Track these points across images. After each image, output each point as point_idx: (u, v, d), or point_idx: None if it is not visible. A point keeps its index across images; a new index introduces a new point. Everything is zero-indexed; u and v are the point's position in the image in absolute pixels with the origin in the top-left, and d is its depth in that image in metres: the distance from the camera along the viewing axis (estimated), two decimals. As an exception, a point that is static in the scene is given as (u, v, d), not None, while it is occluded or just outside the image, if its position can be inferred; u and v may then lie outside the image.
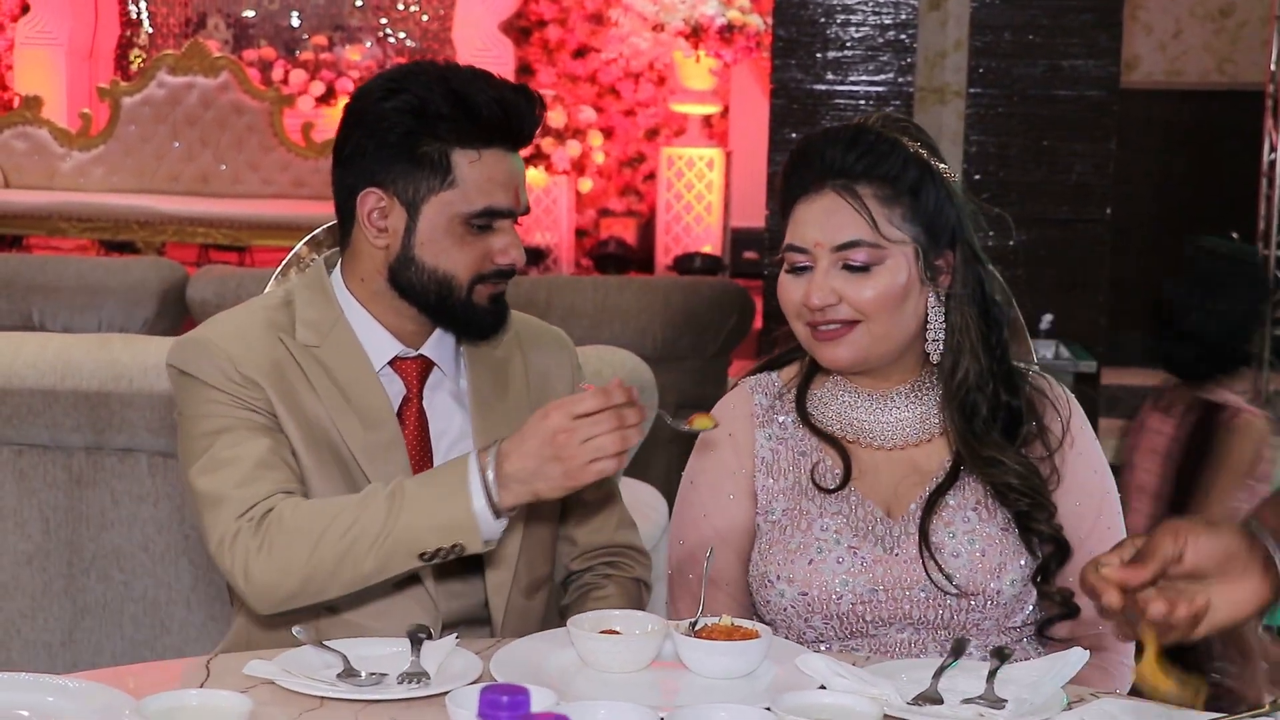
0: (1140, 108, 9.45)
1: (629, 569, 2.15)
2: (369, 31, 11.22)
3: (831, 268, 1.92)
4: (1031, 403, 2.00)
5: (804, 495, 1.99)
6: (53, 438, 3.05)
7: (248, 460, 1.88)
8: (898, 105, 4.78)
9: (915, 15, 4.77)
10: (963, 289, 1.96)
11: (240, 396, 1.91)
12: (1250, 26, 9.79)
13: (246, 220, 9.56)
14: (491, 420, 2.02)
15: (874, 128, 1.96)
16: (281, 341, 1.96)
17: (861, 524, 1.95)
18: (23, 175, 10.33)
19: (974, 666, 1.71)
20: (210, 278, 4.30)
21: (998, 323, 1.99)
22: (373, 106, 1.95)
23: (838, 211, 1.92)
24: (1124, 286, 9.23)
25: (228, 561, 1.84)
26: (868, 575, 1.92)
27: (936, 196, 1.94)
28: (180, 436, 1.97)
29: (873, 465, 1.99)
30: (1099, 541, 1.96)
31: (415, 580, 1.95)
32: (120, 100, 10.39)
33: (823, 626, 1.94)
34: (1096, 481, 2.01)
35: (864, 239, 1.91)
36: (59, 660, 3.11)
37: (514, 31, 10.83)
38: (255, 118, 10.20)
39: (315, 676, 1.63)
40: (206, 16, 11.37)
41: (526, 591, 2.05)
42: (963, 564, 1.91)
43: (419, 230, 1.95)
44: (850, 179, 1.92)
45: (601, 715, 1.50)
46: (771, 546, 1.97)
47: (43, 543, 3.09)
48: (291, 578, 1.81)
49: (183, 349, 1.97)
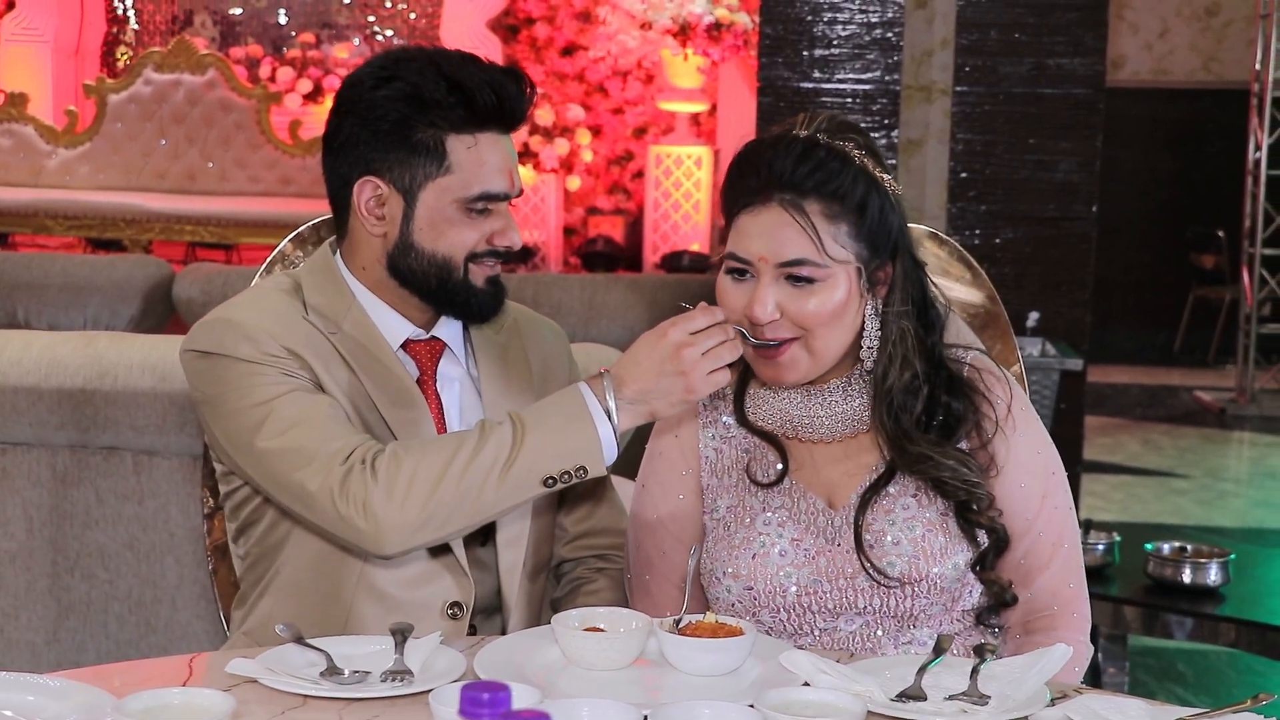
0: (1127, 106, 9.47)
1: (619, 560, 2.16)
2: (356, 29, 11.20)
3: (774, 281, 1.90)
4: (968, 395, 2.00)
5: (747, 491, 2.00)
6: (37, 436, 3.05)
7: (321, 414, 1.87)
8: (884, 103, 4.78)
9: (902, 13, 4.77)
10: (901, 299, 1.96)
11: (284, 369, 1.90)
12: (1236, 26, 9.82)
13: (233, 218, 9.55)
14: (502, 401, 2.03)
15: (823, 141, 1.91)
16: (307, 319, 1.96)
17: (804, 516, 1.96)
18: (8, 173, 10.31)
19: (957, 663, 1.71)
20: (196, 276, 4.29)
21: (934, 326, 1.99)
22: (365, 95, 1.95)
23: (784, 227, 1.89)
24: (1110, 284, 9.27)
25: (343, 506, 1.81)
26: (811, 566, 1.92)
27: (881, 210, 1.92)
28: (219, 417, 1.92)
29: (812, 458, 2.00)
30: (1047, 522, 1.98)
31: (446, 550, 1.96)
32: (106, 97, 10.37)
33: (770, 620, 1.94)
34: (1040, 462, 2.01)
35: (809, 258, 1.89)
36: (43, 659, 3.10)
37: (502, 29, 10.82)
38: (242, 115, 10.19)
39: (298, 675, 1.63)
40: (193, 14, 11.35)
41: (532, 574, 2.08)
42: (904, 550, 1.91)
43: (417, 217, 1.96)
44: (799, 194, 1.89)
45: (585, 713, 1.49)
46: (717, 543, 1.98)
47: (26, 541, 3.08)
48: (416, 510, 1.80)
49: (209, 332, 1.94)
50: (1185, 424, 8.02)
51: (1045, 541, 1.99)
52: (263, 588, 2.03)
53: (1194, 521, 5.93)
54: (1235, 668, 4.29)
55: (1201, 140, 9.84)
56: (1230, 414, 8.27)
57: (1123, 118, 9.20)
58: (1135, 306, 9.84)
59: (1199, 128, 9.85)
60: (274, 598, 2.01)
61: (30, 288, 4.31)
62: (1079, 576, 2.02)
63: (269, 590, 2.02)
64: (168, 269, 4.40)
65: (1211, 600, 3.24)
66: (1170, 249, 9.73)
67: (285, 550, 2.00)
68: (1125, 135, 9.32)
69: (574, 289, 4.23)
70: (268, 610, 2.01)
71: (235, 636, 2.06)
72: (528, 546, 2.04)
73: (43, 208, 9.75)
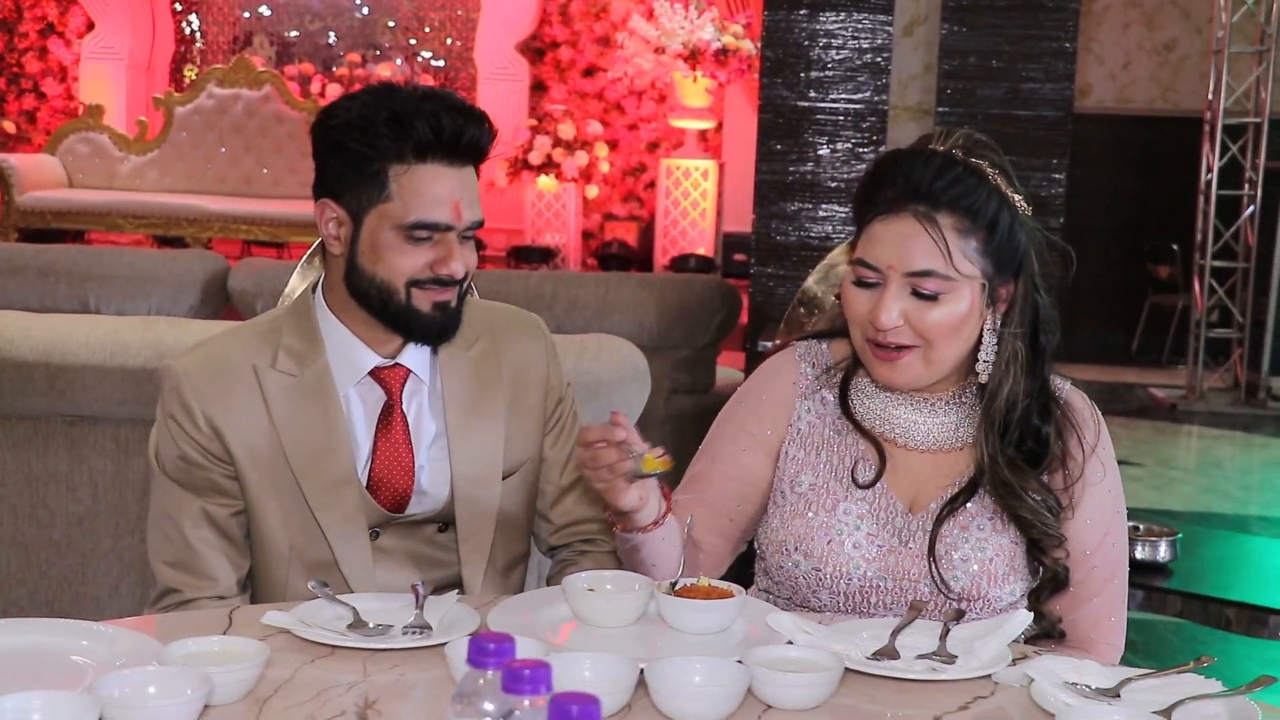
0: (1093, 130, 9.43)
1: (604, 543, 2.09)
2: (399, 50, 11.19)
3: (901, 290, 1.78)
4: (1060, 427, 1.88)
5: (834, 477, 1.89)
6: (102, 410, 3.03)
7: (195, 557, 1.93)
8: (873, 121, 4.76)
9: (890, 40, 4.75)
10: (1019, 318, 1.85)
11: (193, 486, 1.94)
12: (1191, 60, 9.76)
13: (285, 219, 9.54)
14: (467, 420, 1.98)
15: (960, 157, 1.79)
16: (274, 368, 1.93)
17: (883, 515, 1.86)
18: (85, 176, 10.32)
19: (929, 626, 1.69)
20: (249, 269, 4.27)
21: (1044, 350, 1.87)
22: (328, 124, 1.90)
23: (915, 238, 1.77)
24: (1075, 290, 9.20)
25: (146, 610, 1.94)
26: (880, 563, 1.84)
27: (1010, 228, 1.80)
28: (152, 471, 1.99)
29: (904, 461, 1.89)
30: (1103, 558, 1.88)
31: (397, 551, 1.96)
32: (173, 109, 10.37)
33: (828, 599, 1.86)
34: (1110, 501, 1.89)
35: (937, 270, 1.77)
36: (106, 611, 3.09)
37: (529, 52, 10.81)
38: (294, 126, 10.18)
39: (327, 627, 1.61)
40: (253, 35, 11.36)
41: (503, 570, 2.03)
42: (970, 568, 1.82)
43: (360, 240, 1.90)
44: (932, 206, 1.77)
45: (586, 664, 1.47)
46: (794, 518, 1.88)
47: (92, 506, 3.07)
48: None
49: (169, 380, 1.94)
50: (1140, 417, 7.99)
51: (1098, 576, 1.88)
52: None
53: (1147, 505, 5.91)
54: (1181, 636, 4.27)
55: (1159, 163, 9.79)
56: (1181, 409, 8.23)
57: (1089, 140, 9.16)
58: (1097, 311, 9.79)
59: (1157, 151, 9.81)
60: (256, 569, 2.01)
61: (100, 278, 4.28)
62: (1121, 611, 1.91)
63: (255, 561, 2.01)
64: (224, 263, 4.38)
65: (1161, 575, 3.21)
66: (1129, 260, 9.69)
67: (252, 535, 1.99)
68: (1091, 156, 9.27)
69: (589, 286, 4.20)
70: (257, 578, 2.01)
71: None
72: (493, 547, 2.00)
73: (115, 208, 9.76)
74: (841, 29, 4.75)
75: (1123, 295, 9.76)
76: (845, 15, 4.76)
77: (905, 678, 1.56)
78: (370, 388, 1.96)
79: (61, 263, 4.32)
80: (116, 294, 4.26)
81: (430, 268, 1.89)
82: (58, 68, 11.44)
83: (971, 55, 4.71)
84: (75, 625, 1.57)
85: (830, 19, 4.76)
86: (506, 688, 1.03)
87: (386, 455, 1.95)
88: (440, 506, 1.98)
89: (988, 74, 4.71)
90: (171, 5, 11.38)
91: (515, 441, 2.02)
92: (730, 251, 9.99)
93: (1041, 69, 4.70)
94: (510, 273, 4.32)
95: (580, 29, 10.77)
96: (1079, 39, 4.82)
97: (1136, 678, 1.56)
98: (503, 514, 2.01)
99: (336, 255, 1.93)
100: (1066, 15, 4.68)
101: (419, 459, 1.96)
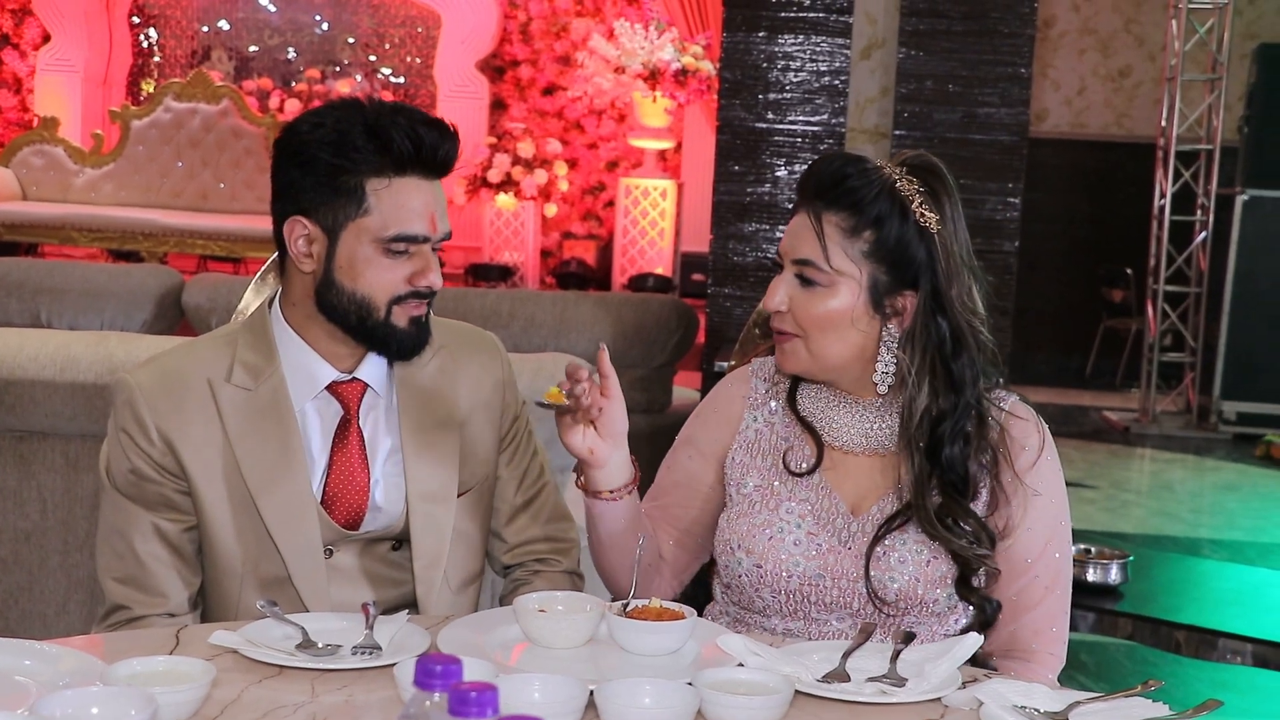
0: (1048, 155, 9.52)
1: (557, 563, 2.10)
2: (359, 66, 11.16)
3: (792, 277, 1.89)
4: (994, 451, 1.90)
5: (777, 476, 1.94)
6: (52, 425, 3.00)
7: (145, 573, 1.92)
8: (831, 143, 4.78)
9: (848, 64, 4.78)
10: (923, 332, 1.87)
11: (145, 500, 1.91)
12: (1145, 87, 9.88)
13: (241, 234, 9.49)
14: (422, 437, 1.97)
15: (872, 165, 1.88)
16: (228, 381, 1.92)
17: (825, 514, 1.90)
18: (40, 189, 10.23)
19: (879, 649, 1.69)
20: (204, 284, 4.24)
21: (964, 369, 1.87)
22: (297, 140, 1.89)
23: (803, 229, 1.88)
24: (1030, 313, 9.30)
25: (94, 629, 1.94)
26: (819, 561, 1.88)
27: (900, 238, 1.84)
28: (101, 487, 1.97)
29: (843, 463, 1.93)
30: (1044, 567, 1.90)
31: (354, 569, 1.94)
32: (130, 123, 10.29)
33: (770, 599, 1.90)
34: (1053, 511, 1.91)
35: (815, 261, 1.86)
36: (52, 629, 3.05)
37: (490, 70, 10.80)
38: (252, 141, 10.13)
39: (275, 646, 1.60)
40: (211, 49, 11.29)
41: (456, 588, 2.02)
42: (908, 570, 1.85)
43: (338, 255, 1.89)
44: (825, 204, 1.87)
45: (535, 685, 1.47)
46: (740, 518, 1.93)
47: (40, 522, 3.04)
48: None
49: (121, 394, 1.92)
50: (1094, 440, 8.05)
51: (1039, 585, 1.90)
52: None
53: (1099, 527, 5.94)
54: (1132, 658, 4.30)
55: (1113, 187, 9.90)
56: (1134, 432, 8.30)
57: (1044, 165, 9.25)
58: (1052, 334, 9.89)
59: (1111, 176, 9.91)
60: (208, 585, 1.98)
61: (53, 292, 4.24)
62: (1063, 621, 1.92)
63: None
64: (178, 278, 4.35)
65: (1112, 597, 3.23)
66: (1084, 283, 9.78)
67: (204, 551, 1.96)
68: (1046, 180, 9.37)
69: (547, 304, 4.19)
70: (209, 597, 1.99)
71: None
72: (447, 564, 1.98)
73: (70, 221, 9.67)
74: (800, 51, 4.78)
75: (1077, 319, 9.85)
76: (804, 38, 4.79)
77: (855, 700, 1.56)
78: (327, 402, 1.95)
79: (13, 275, 4.27)
80: (69, 308, 4.21)
81: (409, 280, 1.89)
82: (13, 79, 11.33)
83: (928, 79, 4.74)
84: (19, 645, 1.55)
85: (789, 41, 4.79)
86: (453, 710, 1.02)
87: (342, 470, 1.94)
88: (395, 523, 1.97)
89: (944, 98, 4.74)
90: (129, 18, 11.31)
91: (470, 459, 2.02)
92: (688, 271, 10.01)
93: (997, 93, 4.74)
94: (468, 290, 4.30)
95: (540, 48, 10.78)
96: (1035, 64, 4.87)
97: (1085, 701, 1.57)
98: (457, 532, 2.00)
99: (307, 272, 1.91)
100: (1022, 41, 4.72)
101: (374, 474, 1.95)
